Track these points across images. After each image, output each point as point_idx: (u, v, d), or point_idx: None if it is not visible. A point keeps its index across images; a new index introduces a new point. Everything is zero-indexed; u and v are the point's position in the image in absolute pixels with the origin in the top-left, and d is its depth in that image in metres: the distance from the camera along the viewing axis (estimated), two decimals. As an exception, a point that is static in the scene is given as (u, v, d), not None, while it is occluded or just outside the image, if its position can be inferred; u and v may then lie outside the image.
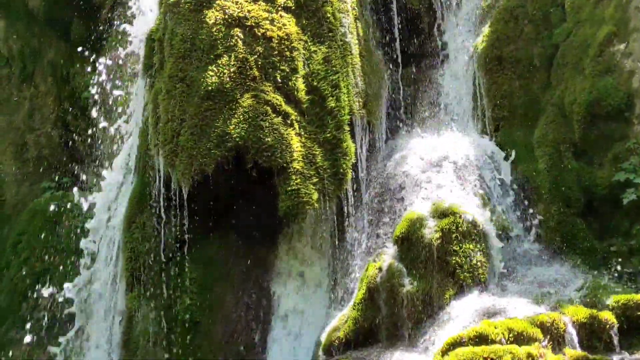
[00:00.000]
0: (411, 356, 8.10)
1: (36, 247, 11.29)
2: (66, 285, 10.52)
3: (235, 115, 9.25)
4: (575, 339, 7.29)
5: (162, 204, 9.88)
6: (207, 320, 9.96)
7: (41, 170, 12.61)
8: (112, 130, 11.35)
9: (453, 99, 11.03)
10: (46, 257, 11.10)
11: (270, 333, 10.04)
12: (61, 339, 10.50)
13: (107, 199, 10.93)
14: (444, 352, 7.32)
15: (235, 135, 9.19)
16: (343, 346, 8.69)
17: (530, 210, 9.40)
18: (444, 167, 9.69)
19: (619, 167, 9.06)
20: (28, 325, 10.70)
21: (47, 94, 12.97)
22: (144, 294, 10.07)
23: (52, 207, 11.40)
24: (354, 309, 8.82)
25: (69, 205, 11.35)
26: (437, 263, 8.58)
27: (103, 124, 11.46)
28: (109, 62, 11.69)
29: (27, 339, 10.57)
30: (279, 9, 9.70)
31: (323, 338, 9.00)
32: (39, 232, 11.43)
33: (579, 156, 9.46)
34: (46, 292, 10.90)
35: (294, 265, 10.30)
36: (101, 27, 12.49)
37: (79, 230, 10.91)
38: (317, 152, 9.54)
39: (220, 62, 9.35)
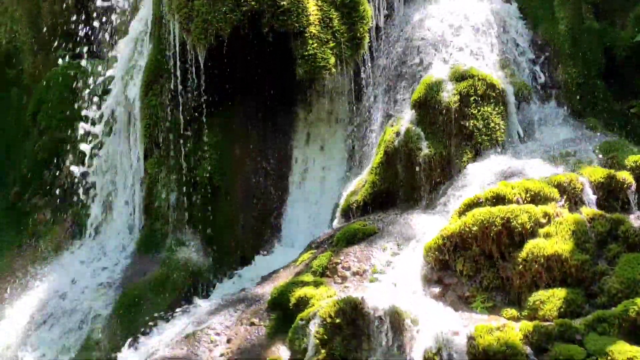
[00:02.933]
0: (429, 217, 8.19)
1: (54, 116, 11.33)
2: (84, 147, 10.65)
3: (250, -22, 9.09)
4: (593, 198, 7.32)
5: (178, 70, 9.83)
6: (227, 185, 10.09)
7: (57, 39, 12.48)
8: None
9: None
10: (65, 125, 11.14)
11: (288, 198, 10.15)
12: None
13: (123, 66, 10.88)
14: (461, 213, 7.40)
15: (250, -1, 9.06)
16: (361, 209, 8.80)
17: (550, 73, 9.29)
18: (463, 30, 9.53)
19: (642, 27, 8.91)
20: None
21: (59, -40, 12.70)
22: (163, 159, 10.17)
23: (68, 76, 11.37)
24: (371, 173, 8.88)
25: (85, 74, 11.31)
26: (455, 126, 8.57)
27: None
28: None
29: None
30: None
31: (341, 202, 9.11)
32: (57, 101, 11.44)
33: (601, 17, 9.27)
34: (67, 162, 11.03)
35: (312, 131, 10.32)
36: None
37: (96, 98, 10.90)
38: (334, 16, 9.39)
39: None
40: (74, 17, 12.20)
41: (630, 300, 6.16)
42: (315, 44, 9.22)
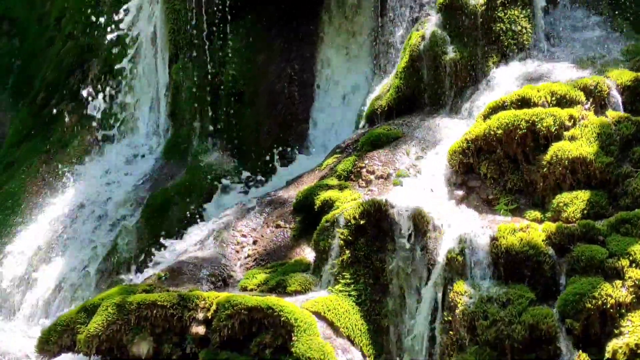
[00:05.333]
0: (453, 121, 8.18)
1: (79, 21, 11.30)
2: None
3: None
4: (619, 101, 7.27)
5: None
6: (251, 91, 10.10)
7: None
8: None
9: None
10: (89, 30, 11.12)
11: (313, 103, 10.15)
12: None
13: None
14: (486, 116, 7.37)
15: None
16: (385, 114, 8.78)
17: (579, -25, 9.12)
18: None
19: None
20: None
21: None
22: (187, 65, 10.17)
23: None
24: (396, 77, 8.83)
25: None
26: (481, 30, 8.47)
27: None
28: None
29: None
30: None
31: (366, 107, 9.10)
32: (81, 6, 11.39)
33: None
34: (93, 67, 11.06)
35: (336, 36, 10.23)
36: None
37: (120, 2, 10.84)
38: None
39: None
40: None
41: (653, 202, 6.19)
42: (341, -54, 9.11)
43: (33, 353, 7.02)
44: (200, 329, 6.19)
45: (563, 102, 7.23)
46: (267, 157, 9.79)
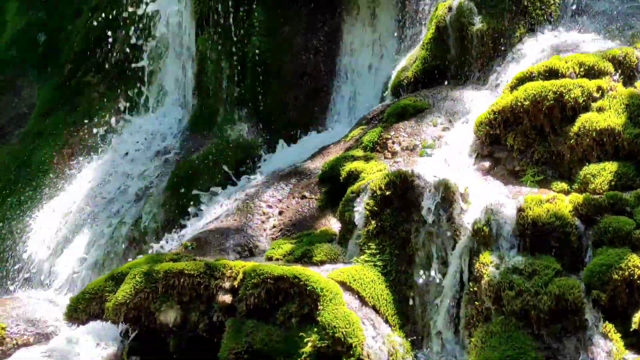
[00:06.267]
0: (480, 93, 8.15)
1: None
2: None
3: None
4: (648, 72, 7.22)
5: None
6: (277, 62, 10.08)
7: None
8: None
9: None
10: (116, 2, 11.15)
11: (338, 75, 10.12)
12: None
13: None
14: (513, 87, 7.34)
15: None
16: (411, 85, 8.76)
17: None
18: None
19: None
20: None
21: None
22: (213, 36, 10.16)
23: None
24: (422, 48, 8.80)
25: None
26: (509, 1, 8.40)
27: None
28: None
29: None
30: None
31: (391, 78, 9.07)
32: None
33: None
34: (119, 39, 11.09)
35: (361, 7, 10.17)
36: None
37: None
38: None
39: None
40: None
41: (682, 173, 6.15)
42: None
43: (62, 321, 7.10)
44: (227, 298, 6.23)
45: (591, 73, 7.18)
46: (293, 128, 9.80)
